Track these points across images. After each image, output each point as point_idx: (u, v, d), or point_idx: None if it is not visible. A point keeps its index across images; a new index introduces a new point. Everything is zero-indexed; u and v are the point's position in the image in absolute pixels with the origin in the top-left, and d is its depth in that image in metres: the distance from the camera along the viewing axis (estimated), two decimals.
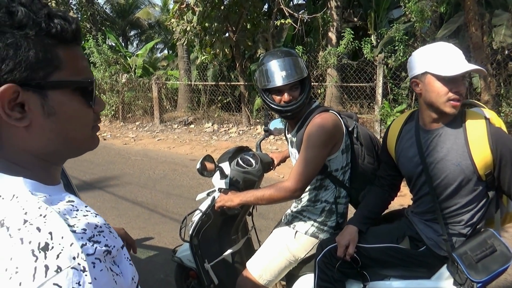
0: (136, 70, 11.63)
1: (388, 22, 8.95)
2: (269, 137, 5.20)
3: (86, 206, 0.60)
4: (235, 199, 1.69)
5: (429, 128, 1.48)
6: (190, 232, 1.94)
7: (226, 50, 7.76)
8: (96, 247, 0.54)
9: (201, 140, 7.78)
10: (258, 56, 8.87)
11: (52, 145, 0.60)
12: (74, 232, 0.52)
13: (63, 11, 0.60)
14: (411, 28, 7.09)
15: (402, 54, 6.38)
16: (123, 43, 19.19)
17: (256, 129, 8.16)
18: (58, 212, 0.54)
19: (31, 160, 0.60)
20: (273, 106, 1.64)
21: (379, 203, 1.70)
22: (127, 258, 0.62)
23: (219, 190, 1.82)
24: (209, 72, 10.09)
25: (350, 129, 1.71)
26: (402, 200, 2.89)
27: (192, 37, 7.80)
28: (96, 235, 0.56)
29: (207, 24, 7.52)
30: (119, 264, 0.59)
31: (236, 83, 9.06)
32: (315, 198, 1.73)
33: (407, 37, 6.60)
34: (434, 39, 6.52)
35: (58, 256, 0.48)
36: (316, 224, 1.72)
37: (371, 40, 8.02)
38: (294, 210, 1.80)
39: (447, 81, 1.35)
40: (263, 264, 1.75)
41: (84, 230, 0.54)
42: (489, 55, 5.53)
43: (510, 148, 1.35)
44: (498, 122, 1.46)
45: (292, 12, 7.55)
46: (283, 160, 2.18)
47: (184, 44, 8.58)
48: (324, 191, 1.71)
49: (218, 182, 1.89)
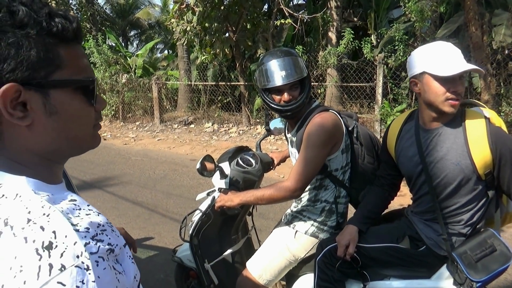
0: (136, 70, 11.62)
1: (388, 22, 8.95)
2: (269, 136, 5.20)
3: (88, 205, 0.61)
4: (235, 199, 1.69)
5: (428, 127, 1.48)
6: (190, 232, 1.94)
7: (226, 50, 7.76)
8: (99, 246, 0.54)
9: (201, 140, 7.78)
10: (258, 56, 8.86)
11: (54, 143, 0.60)
12: (77, 231, 0.52)
13: (64, 10, 0.61)
14: (411, 28, 7.09)
15: (402, 54, 6.38)
16: (123, 43, 19.16)
17: (256, 129, 8.16)
18: (61, 211, 0.54)
19: (34, 159, 0.60)
20: (273, 105, 1.64)
21: (379, 202, 1.70)
22: (129, 256, 0.62)
23: (219, 190, 1.82)
24: (209, 72, 10.09)
25: (350, 128, 1.71)
26: (402, 199, 2.89)
27: (192, 37, 7.80)
28: (99, 234, 0.56)
29: (207, 24, 7.53)
30: (121, 263, 0.59)
31: (236, 83, 9.06)
32: (315, 198, 1.73)
33: (407, 37, 6.60)
34: (434, 39, 6.52)
35: (62, 254, 0.49)
36: (316, 224, 1.72)
37: (371, 40, 8.01)
38: (294, 210, 1.80)
39: (445, 80, 1.35)
40: (263, 264, 1.75)
41: (87, 229, 0.54)
42: (489, 55, 5.52)
43: (510, 147, 1.35)
44: (499, 121, 1.46)
45: (292, 12, 7.55)
46: (283, 160, 2.18)
47: (184, 44, 8.59)
48: (324, 190, 1.72)
49: (218, 182, 1.89)
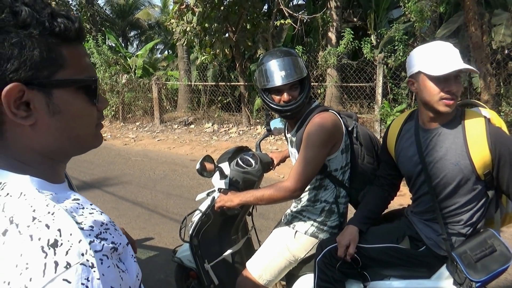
0: (136, 71, 11.62)
1: (388, 22, 8.96)
2: (269, 136, 5.20)
3: (91, 204, 0.61)
4: (234, 199, 1.69)
5: (428, 127, 1.48)
6: (190, 233, 1.94)
7: (226, 50, 7.76)
8: (104, 244, 0.54)
9: (201, 141, 7.78)
10: (258, 56, 8.87)
11: (57, 143, 0.61)
12: (82, 229, 0.53)
13: (66, 10, 0.61)
14: (410, 28, 7.09)
15: (401, 54, 6.38)
16: (123, 44, 19.18)
17: (256, 129, 8.16)
18: (66, 209, 0.55)
19: (37, 158, 0.60)
20: (272, 106, 1.64)
21: (379, 203, 1.70)
22: (132, 255, 0.63)
23: (219, 190, 1.82)
24: (209, 73, 10.09)
25: (349, 128, 1.71)
26: (402, 199, 2.89)
27: (192, 37, 7.80)
28: (103, 232, 0.56)
29: (207, 25, 7.52)
30: (124, 261, 0.60)
31: (236, 83, 9.06)
32: (314, 198, 1.73)
33: (406, 37, 6.61)
34: (433, 39, 6.51)
35: (67, 252, 0.49)
36: (316, 224, 1.72)
37: (371, 40, 8.01)
38: (294, 210, 1.80)
39: (438, 80, 1.35)
40: (263, 264, 1.75)
41: (91, 227, 0.55)
42: (488, 55, 5.52)
43: (509, 147, 1.35)
44: (499, 121, 1.46)
45: (292, 13, 7.55)
46: (283, 160, 2.18)
47: (184, 44, 8.59)
48: (323, 191, 1.72)
49: (217, 182, 1.89)
